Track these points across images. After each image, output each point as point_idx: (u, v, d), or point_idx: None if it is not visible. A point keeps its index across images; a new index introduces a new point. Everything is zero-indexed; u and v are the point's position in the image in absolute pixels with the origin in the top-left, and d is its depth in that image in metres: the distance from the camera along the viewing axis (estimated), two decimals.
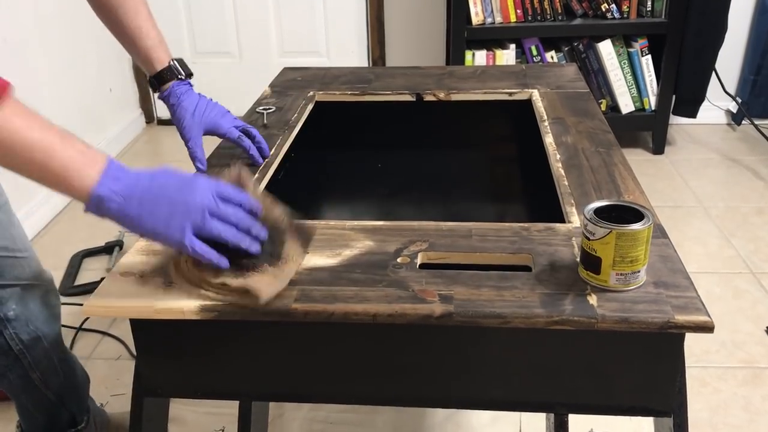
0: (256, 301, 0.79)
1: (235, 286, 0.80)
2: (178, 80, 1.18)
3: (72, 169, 0.76)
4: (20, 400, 1.34)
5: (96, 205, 0.78)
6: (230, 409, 1.37)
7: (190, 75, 1.20)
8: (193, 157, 1.16)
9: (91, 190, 0.77)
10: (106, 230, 2.33)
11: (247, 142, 1.19)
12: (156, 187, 0.80)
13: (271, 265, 0.82)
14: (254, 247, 0.83)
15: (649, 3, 2.64)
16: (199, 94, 1.20)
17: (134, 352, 1.76)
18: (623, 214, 0.83)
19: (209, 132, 1.18)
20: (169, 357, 0.90)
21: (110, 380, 1.70)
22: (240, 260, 0.82)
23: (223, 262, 0.81)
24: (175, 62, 1.18)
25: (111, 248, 2.22)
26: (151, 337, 0.88)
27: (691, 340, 1.72)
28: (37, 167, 0.77)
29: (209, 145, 1.19)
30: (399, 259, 0.88)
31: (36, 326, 1.25)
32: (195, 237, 0.79)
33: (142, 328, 0.88)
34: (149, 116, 3.36)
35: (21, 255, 1.20)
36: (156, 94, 1.19)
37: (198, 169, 1.15)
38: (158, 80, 1.17)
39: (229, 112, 1.22)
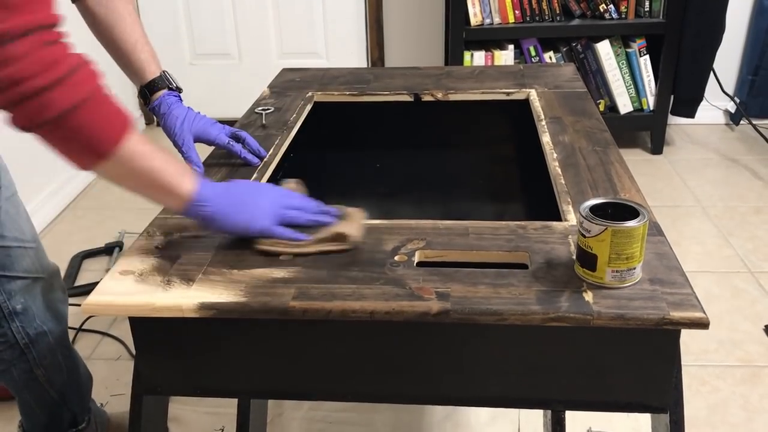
0: (351, 241, 0.92)
1: (324, 237, 0.93)
2: (169, 90, 1.20)
3: (175, 183, 0.90)
4: (23, 397, 1.35)
5: (194, 207, 0.91)
6: (230, 408, 1.37)
7: (179, 90, 1.23)
8: (189, 161, 1.17)
9: (191, 195, 0.90)
10: (106, 231, 2.33)
11: (237, 146, 1.21)
12: (238, 191, 0.95)
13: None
14: (326, 218, 0.97)
15: (647, 3, 2.65)
16: (187, 107, 1.22)
17: (134, 352, 1.77)
18: (619, 211, 0.83)
19: (199, 139, 1.20)
20: (168, 355, 0.90)
21: (110, 380, 1.71)
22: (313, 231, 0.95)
23: (302, 236, 0.94)
24: (166, 73, 1.21)
25: (111, 249, 2.23)
26: (151, 335, 0.89)
27: (689, 338, 1.74)
28: (149, 185, 0.90)
29: (201, 153, 1.19)
30: (396, 257, 0.89)
31: (42, 321, 1.26)
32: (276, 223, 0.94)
33: (141, 326, 0.88)
34: (149, 119, 3.36)
35: (29, 246, 1.22)
36: (147, 107, 1.21)
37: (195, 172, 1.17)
38: (149, 89, 1.19)
39: (217, 122, 1.23)
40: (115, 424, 1.49)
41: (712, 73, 2.73)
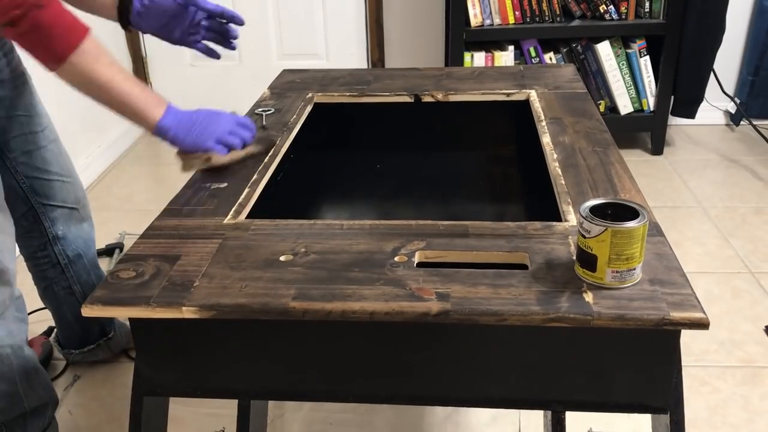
0: (207, 162, 1.16)
1: (204, 157, 1.16)
2: None
3: (144, 108, 1.11)
4: (62, 312, 1.64)
5: (159, 130, 1.12)
6: (230, 410, 1.37)
7: None
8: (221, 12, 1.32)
9: (158, 121, 1.12)
10: (107, 232, 2.33)
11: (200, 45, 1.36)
12: (196, 117, 1.15)
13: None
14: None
15: (647, 4, 2.65)
16: None
17: (131, 354, 1.77)
18: (619, 211, 0.83)
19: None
20: (168, 356, 0.90)
21: (110, 380, 1.71)
22: None
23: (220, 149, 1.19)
24: None
25: (111, 250, 2.23)
26: (151, 336, 0.89)
27: (689, 339, 1.74)
28: (121, 105, 1.10)
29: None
30: (396, 258, 0.89)
31: (78, 245, 1.57)
32: (217, 144, 1.17)
33: (141, 327, 0.88)
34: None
35: (67, 180, 1.52)
36: (126, 19, 1.31)
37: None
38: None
39: None
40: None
41: (712, 73, 2.73)
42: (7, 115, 1.37)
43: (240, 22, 1.33)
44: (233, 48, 1.37)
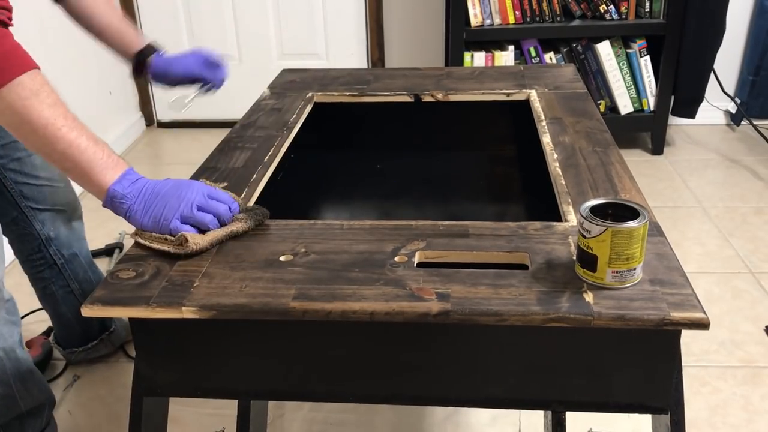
0: (185, 248, 0.90)
1: (176, 238, 0.92)
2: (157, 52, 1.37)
3: (91, 167, 0.92)
4: (61, 312, 1.66)
5: (112, 199, 0.93)
6: (230, 410, 1.37)
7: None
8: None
9: (108, 187, 0.92)
10: (107, 233, 2.33)
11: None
12: (160, 189, 0.95)
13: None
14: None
15: (648, 4, 2.65)
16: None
17: (130, 353, 1.77)
18: (619, 211, 0.83)
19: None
20: (168, 356, 0.90)
21: (110, 380, 1.71)
22: None
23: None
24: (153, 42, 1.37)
25: (111, 250, 2.23)
26: (151, 336, 0.89)
27: (690, 339, 1.74)
28: (69, 161, 0.91)
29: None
30: (396, 258, 0.89)
31: (71, 244, 1.59)
32: (181, 223, 0.93)
33: (141, 327, 0.88)
34: (149, 119, 3.36)
35: (57, 185, 1.53)
36: (141, 73, 1.36)
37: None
38: (145, 53, 1.34)
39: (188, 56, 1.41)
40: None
41: (712, 73, 2.73)
42: None
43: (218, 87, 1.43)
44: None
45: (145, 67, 1.34)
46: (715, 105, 3.03)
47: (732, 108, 3.06)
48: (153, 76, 1.36)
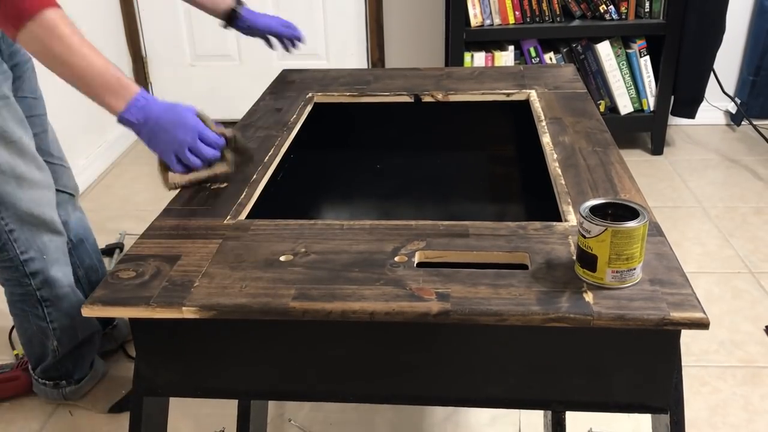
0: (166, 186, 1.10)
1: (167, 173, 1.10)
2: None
3: (104, 92, 1.05)
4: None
5: (121, 122, 1.07)
6: (230, 409, 1.38)
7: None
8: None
9: (118, 112, 1.06)
10: (107, 233, 2.33)
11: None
12: (161, 121, 1.07)
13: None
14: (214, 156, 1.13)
15: (648, 4, 2.65)
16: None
17: (130, 353, 1.78)
18: (619, 211, 0.83)
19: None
20: (168, 356, 0.90)
21: (110, 380, 1.71)
22: None
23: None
24: None
25: (111, 250, 2.23)
26: (151, 336, 0.89)
27: (690, 339, 1.74)
28: (83, 82, 1.05)
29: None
30: (396, 258, 0.89)
31: (79, 230, 1.64)
32: (176, 160, 1.09)
33: (141, 327, 0.88)
34: None
35: (66, 165, 1.59)
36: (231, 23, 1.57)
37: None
38: (235, 8, 1.55)
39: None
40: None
41: (712, 73, 2.73)
42: (17, 96, 1.41)
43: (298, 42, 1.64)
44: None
45: (235, 17, 1.54)
46: (715, 105, 3.04)
47: (732, 108, 3.06)
48: (240, 26, 1.57)
